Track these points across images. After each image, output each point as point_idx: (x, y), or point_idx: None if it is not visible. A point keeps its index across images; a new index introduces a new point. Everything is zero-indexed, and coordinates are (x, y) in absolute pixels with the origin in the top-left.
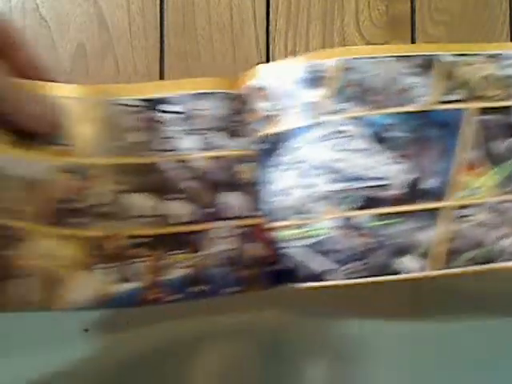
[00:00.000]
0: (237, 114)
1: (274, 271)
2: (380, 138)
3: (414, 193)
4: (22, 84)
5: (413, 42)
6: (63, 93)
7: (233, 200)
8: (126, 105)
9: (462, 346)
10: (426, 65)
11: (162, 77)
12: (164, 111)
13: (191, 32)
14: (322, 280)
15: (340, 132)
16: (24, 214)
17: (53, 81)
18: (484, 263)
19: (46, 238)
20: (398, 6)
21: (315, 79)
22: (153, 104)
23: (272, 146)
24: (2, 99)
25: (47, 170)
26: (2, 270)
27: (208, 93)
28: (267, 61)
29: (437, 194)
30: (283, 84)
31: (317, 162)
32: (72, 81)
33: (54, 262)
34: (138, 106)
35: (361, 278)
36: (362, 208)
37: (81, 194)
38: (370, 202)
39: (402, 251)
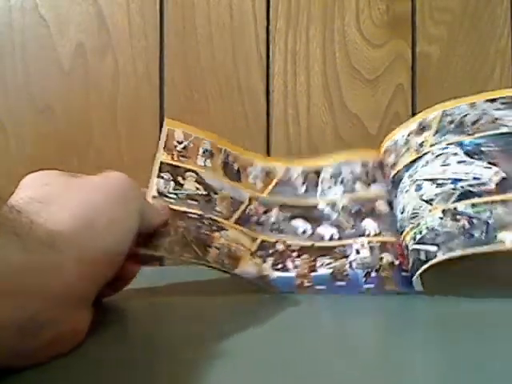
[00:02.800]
0: (371, 171)
1: (405, 277)
2: (472, 154)
3: (503, 187)
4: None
5: (413, 41)
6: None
7: (370, 224)
8: (298, 173)
9: None
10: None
11: (161, 76)
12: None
13: (191, 32)
14: (427, 262)
15: (444, 154)
16: (224, 215)
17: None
18: None
19: (233, 229)
20: (398, 5)
21: (422, 128)
22: (313, 170)
23: (398, 180)
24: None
25: (244, 196)
26: (207, 242)
27: (350, 161)
28: (267, 60)
29: None
30: (401, 138)
31: (428, 176)
32: (72, 80)
33: (236, 245)
34: (304, 172)
35: (462, 250)
36: (461, 200)
37: (262, 214)
38: (468, 195)
39: (501, 227)
